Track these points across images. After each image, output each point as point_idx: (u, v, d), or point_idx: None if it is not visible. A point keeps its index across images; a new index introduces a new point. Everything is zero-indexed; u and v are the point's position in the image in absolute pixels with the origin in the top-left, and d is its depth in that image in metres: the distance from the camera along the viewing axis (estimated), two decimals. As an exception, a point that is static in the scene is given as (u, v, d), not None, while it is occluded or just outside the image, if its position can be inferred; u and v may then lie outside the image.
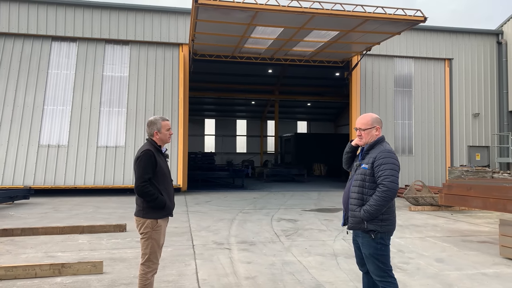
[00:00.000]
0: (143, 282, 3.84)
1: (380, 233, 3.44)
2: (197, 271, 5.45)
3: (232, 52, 17.18)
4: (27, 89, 15.46)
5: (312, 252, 6.55)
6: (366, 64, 18.40)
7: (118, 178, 15.40)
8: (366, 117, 3.64)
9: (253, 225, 8.92)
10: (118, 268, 5.55)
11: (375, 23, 13.30)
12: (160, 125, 3.97)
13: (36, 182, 14.66)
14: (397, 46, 18.60)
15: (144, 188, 3.74)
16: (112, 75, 16.31)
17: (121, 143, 15.83)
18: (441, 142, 18.99)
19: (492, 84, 19.72)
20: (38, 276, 5.08)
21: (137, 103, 16.24)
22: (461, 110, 19.26)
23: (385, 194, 3.34)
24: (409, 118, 18.83)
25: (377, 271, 3.49)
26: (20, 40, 15.72)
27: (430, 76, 19.18)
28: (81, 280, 4.99)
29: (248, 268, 5.63)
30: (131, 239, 7.30)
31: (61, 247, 6.74)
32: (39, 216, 9.94)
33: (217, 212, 10.94)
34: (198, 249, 6.71)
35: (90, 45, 16.26)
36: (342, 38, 14.93)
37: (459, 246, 7.09)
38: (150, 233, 3.83)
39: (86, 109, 15.80)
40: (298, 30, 14.02)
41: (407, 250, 6.75)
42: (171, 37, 16.72)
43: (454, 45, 19.37)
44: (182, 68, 16.71)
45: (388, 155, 3.45)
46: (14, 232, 7.54)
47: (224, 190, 17.11)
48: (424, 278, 5.25)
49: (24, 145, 15.01)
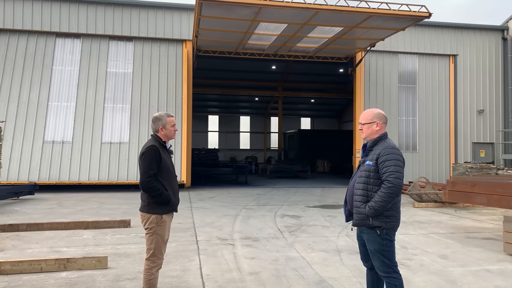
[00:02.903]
0: (148, 277, 3.87)
1: (385, 229, 3.45)
2: (201, 267, 5.48)
3: (235, 48, 17.16)
4: (32, 85, 15.53)
5: (315, 248, 6.56)
6: (370, 60, 18.34)
7: (122, 174, 15.47)
8: (368, 112, 3.72)
9: (257, 221, 8.94)
10: (122, 263, 5.59)
11: (379, 19, 13.24)
12: (165, 121, 3.99)
13: (41, 178, 14.75)
14: (401, 42, 18.51)
15: (149, 184, 3.76)
16: (116, 71, 16.35)
17: (125, 139, 15.88)
18: (445, 138, 18.92)
19: (497, 80, 19.61)
20: (44, 271, 5.12)
21: (141, 99, 16.28)
22: (466, 106, 19.17)
23: (390, 191, 3.35)
24: (413, 115, 18.76)
25: (383, 267, 3.50)
26: (24, 37, 15.78)
27: (434, 72, 19.08)
28: (86, 275, 5.03)
29: (252, 263, 5.65)
30: (135, 235, 7.34)
31: (66, 242, 6.80)
32: (44, 212, 10.02)
33: (220, 208, 10.97)
34: (202, 244, 6.74)
35: (94, 42, 16.29)
36: (346, 34, 14.88)
37: (463, 243, 7.08)
38: (155, 228, 3.85)
39: (90, 105, 15.85)
40: (302, 26, 13.99)
41: (410, 247, 6.74)
42: (174, 33, 16.72)
43: (458, 41, 19.25)
44: (185, 64, 16.72)
45: (392, 151, 3.46)
46: (20, 227, 7.60)
47: (227, 186, 17.15)
48: (428, 275, 5.25)
49: (29, 141, 15.09)
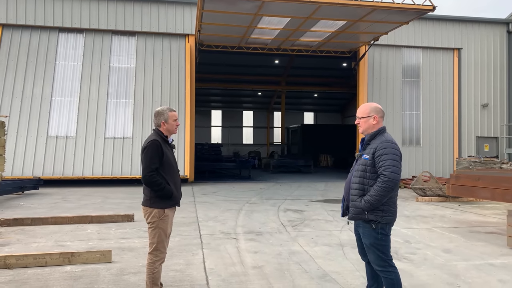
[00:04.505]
0: (151, 271, 3.88)
1: (380, 223, 3.45)
2: (205, 261, 5.50)
3: (238, 42, 17.11)
4: (35, 80, 15.56)
5: (318, 242, 6.57)
6: (374, 54, 18.23)
7: (126, 169, 15.52)
8: (365, 106, 3.71)
9: (260, 216, 8.96)
10: (126, 257, 5.62)
11: (383, 13, 13.15)
12: (167, 115, 3.99)
13: (45, 173, 14.81)
14: (405, 36, 18.38)
15: (151, 178, 3.77)
16: (119, 66, 16.35)
17: (129, 134, 15.91)
18: (449, 133, 18.83)
19: (502, 74, 19.46)
20: (48, 265, 5.16)
21: (144, 94, 16.28)
22: (470, 100, 19.05)
23: (386, 185, 3.34)
24: (417, 109, 18.66)
25: (378, 260, 3.51)
26: (27, 32, 15.78)
27: (438, 66, 18.96)
28: (90, 269, 5.07)
29: (255, 257, 5.67)
30: (139, 229, 7.37)
31: (70, 236, 6.83)
32: (48, 206, 10.07)
33: (224, 202, 10.99)
34: (205, 238, 6.76)
35: (97, 37, 16.29)
36: (349, 28, 14.79)
37: (466, 237, 7.07)
38: (157, 222, 3.86)
39: (93, 100, 15.88)
40: (305, 20, 13.91)
41: (414, 241, 6.73)
42: (177, 28, 16.69)
43: (463, 35, 19.09)
44: (188, 59, 16.69)
45: (389, 145, 3.45)
46: (25, 221, 7.65)
47: (231, 181, 17.17)
48: (431, 268, 5.25)
49: (33, 136, 15.14)
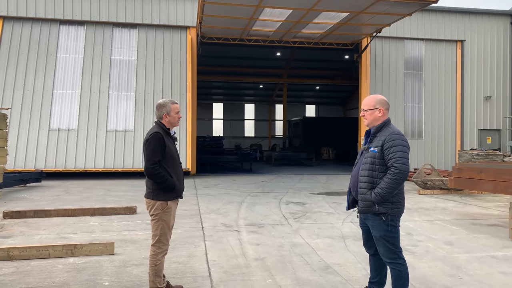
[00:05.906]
0: (154, 263, 3.90)
1: (390, 215, 3.46)
2: (207, 253, 5.52)
3: (240, 34, 17.02)
4: (37, 73, 15.53)
5: (320, 235, 6.59)
6: (376, 46, 18.13)
7: (128, 162, 15.54)
8: (370, 98, 3.69)
9: (262, 208, 8.98)
10: (129, 249, 5.65)
11: (386, 4, 13.05)
12: (169, 108, 3.98)
13: (47, 166, 14.85)
14: (407, 27, 18.26)
15: (154, 170, 3.77)
16: (120, 58, 16.30)
17: (130, 126, 15.91)
18: (452, 125, 18.78)
19: (505, 66, 19.34)
20: (52, 257, 5.19)
21: (146, 87, 16.25)
22: (473, 93, 18.97)
23: (396, 177, 3.35)
24: (419, 101, 18.59)
25: (388, 253, 3.52)
26: (28, 24, 15.72)
27: (441, 58, 18.85)
28: (93, 261, 5.09)
29: (257, 249, 5.69)
30: (141, 221, 7.40)
31: (73, 228, 6.87)
32: (51, 199, 10.11)
33: (226, 195, 11.02)
34: (207, 231, 6.79)
35: (98, 29, 16.22)
36: (352, 19, 14.69)
37: (468, 229, 7.07)
38: (160, 214, 3.87)
39: (95, 93, 15.86)
40: (307, 11, 13.81)
41: (416, 233, 6.75)
42: (178, 20, 16.59)
43: (466, 26, 18.95)
44: (190, 51, 16.63)
45: (397, 137, 3.45)
46: (27, 214, 7.68)
47: (232, 174, 17.20)
48: (433, 261, 5.26)
49: (35, 129, 15.16)
